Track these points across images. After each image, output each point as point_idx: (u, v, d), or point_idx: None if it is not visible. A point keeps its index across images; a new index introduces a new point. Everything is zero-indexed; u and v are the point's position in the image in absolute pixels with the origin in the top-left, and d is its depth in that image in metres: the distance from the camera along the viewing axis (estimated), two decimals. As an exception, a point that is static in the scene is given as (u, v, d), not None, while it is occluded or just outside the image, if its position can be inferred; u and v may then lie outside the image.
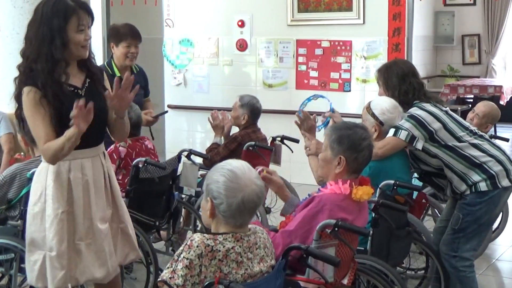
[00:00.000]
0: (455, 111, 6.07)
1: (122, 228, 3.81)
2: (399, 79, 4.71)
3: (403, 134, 4.48)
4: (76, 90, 3.58)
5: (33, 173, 4.30)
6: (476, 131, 4.70)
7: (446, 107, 4.73)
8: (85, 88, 3.62)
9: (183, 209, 5.64)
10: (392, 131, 4.53)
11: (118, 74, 5.63)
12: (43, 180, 3.58)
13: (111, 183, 3.77)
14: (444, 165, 4.52)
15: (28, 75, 3.52)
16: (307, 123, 4.68)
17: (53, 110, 3.46)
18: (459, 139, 4.54)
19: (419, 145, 4.49)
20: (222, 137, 6.10)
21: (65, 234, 3.55)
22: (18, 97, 3.57)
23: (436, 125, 4.53)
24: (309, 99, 5.27)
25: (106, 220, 3.71)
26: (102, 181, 3.70)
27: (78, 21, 3.50)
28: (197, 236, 2.77)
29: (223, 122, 6.11)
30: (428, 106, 4.61)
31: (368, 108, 4.68)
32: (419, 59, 9.93)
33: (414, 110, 4.59)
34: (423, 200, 4.70)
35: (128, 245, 3.86)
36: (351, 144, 3.63)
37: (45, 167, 3.58)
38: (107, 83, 3.80)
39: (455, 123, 4.62)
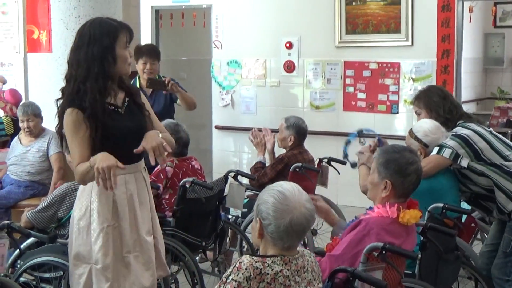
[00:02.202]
0: (505, 134, 6.00)
1: (154, 242, 3.87)
2: (440, 98, 4.70)
3: (447, 152, 4.44)
4: (116, 109, 3.69)
5: (82, 192, 4.37)
6: None
7: (489, 128, 4.69)
8: (125, 107, 3.73)
9: (229, 230, 5.64)
10: (436, 149, 4.49)
11: (139, 86, 6.34)
12: (88, 196, 3.65)
13: (149, 196, 3.86)
14: (494, 184, 4.46)
15: (73, 96, 3.60)
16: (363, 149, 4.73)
17: (95, 128, 3.54)
18: (505, 158, 4.49)
19: (464, 163, 4.44)
20: (266, 156, 6.11)
21: (110, 248, 3.63)
22: (61, 115, 3.65)
23: (481, 144, 4.48)
24: (353, 135, 5.25)
25: (151, 232, 3.80)
26: (145, 194, 3.80)
27: (125, 39, 3.67)
28: (246, 259, 2.77)
29: (265, 139, 6.13)
30: (473, 125, 4.57)
31: (411, 132, 4.66)
32: (468, 81, 9.83)
33: (459, 129, 4.55)
34: (472, 224, 4.64)
35: (158, 260, 3.90)
36: (398, 168, 3.60)
37: (89, 184, 3.63)
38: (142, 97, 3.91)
39: (501, 142, 4.57)
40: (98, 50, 3.59)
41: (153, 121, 3.87)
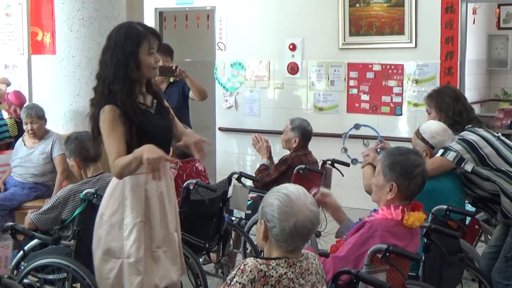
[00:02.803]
0: (509, 136, 5.98)
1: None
2: (452, 100, 4.69)
3: (451, 155, 4.44)
4: (147, 109, 3.84)
5: (86, 194, 4.38)
6: None
7: (498, 133, 4.68)
8: (154, 107, 3.89)
9: (233, 232, 5.65)
10: (440, 151, 4.49)
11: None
12: (121, 193, 3.78)
13: (174, 194, 4.02)
14: (500, 190, 4.46)
15: (107, 95, 3.73)
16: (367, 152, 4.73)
17: (130, 127, 3.68)
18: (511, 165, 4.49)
19: (468, 167, 4.44)
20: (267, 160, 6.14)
21: (142, 242, 3.76)
22: (94, 115, 3.78)
23: (488, 149, 4.48)
24: (355, 127, 5.24)
25: (175, 228, 3.96)
26: (171, 192, 3.96)
27: (149, 45, 3.77)
28: (250, 261, 2.77)
29: (266, 143, 6.16)
30: (480, 131, 4.56)
31: (417, 133, 4.65)
32: (472, 83, 9.81)
33: (466, 134, 4.55)
34: (476, 226, 4.63)
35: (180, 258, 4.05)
36: (404, 171, 3.59)
37: (121, 181, 3.76)
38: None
39: (508, 149, 4.56)
40: (121, 55, 3.72)
41: (176, 123, 4.06)
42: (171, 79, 6.67)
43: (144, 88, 3.88)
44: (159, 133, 3.79)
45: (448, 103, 4.70)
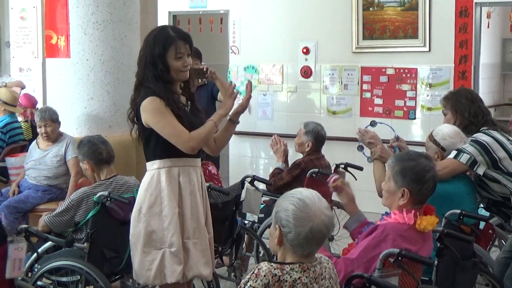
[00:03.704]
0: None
1: (209, 238, 4.11)
2: (468, 101, 4.69)
3: (464, 158, 4.42)
4: (184, 106, 4.03)
5: (100, 197, 4.40)
6: None
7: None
8: (189, 107, 4.08)
9: (245, 235, 5.65)
10: (453, 153, 4.47)
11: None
12: (157, 185, 3.93)
13: (205, 195, 4.15)
14: (510, 193, 4.44)
15: (146, 91, 3.90)
16: (368, 135, 4.69)
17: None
18: None
19: (480, 170, 4.42)
20: (283, 163, 6.13)
21: (179, 232, 3.91)
22: (135, 113, 3.96)
23: (501, 153, 4.46)
24: (371, 124, 5.20)
25: (206, 225, 4.06)
26: (202, 189, 4.10)
27: (176, 50, 3.91)
28: (265, 265, 2.77)
29: (284, 146, 6.16)
30: (494, 133, 4.55)
31: (430, 135, 4.66)
32: (486, 87, 9.76)
33: (479, 136, 4.53)
34: (490, 231, 4.61)
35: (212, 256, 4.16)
36: (415, 176, 3.57)
37: (156, 173, 3.94)
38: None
39: None
40: (150, 57, 3.91)
41: None
42: (200, 80, 6.76)
43: (179, 89, 4.05)
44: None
45: (464, 104, 4.69)
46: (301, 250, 2.83)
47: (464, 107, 4.69)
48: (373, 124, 5.14)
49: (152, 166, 3.98)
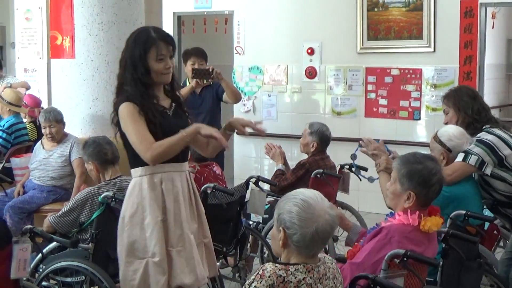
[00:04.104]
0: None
1: (206, 243, 4.03)
2: (470, 99, 4.67)
3: (472, 160, 4.41)
4: (165, 110, 3.86)
5: (104, 197, 4.40)
6: None
7: None
8: (172, 110, 3.90)
9: (250, 236, 5.65)
10: (461, 156, 4.46)
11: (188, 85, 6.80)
12: (139, 193, 3.80)
13: (196, 199, 3.98)
14: None
15: (123, 95, 3.79)
16: (372, 146, 4.63)
17: (147, 124, 3.71)
18: None
19: (488, 170, 4.42)
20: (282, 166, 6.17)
21: (163, 241, 3.78)
22: (114, 119, 3.84)
23: (506, 151, 4.46)
24: (357, 149, 5.10)
25: (193, 231, 3.91)
26: (189, 195, 3.93)
27: (157, 51, 3.77)
28: (269, 266, 2.77)
29: (280, 149, 6.19)
30: (497, 131, 4.53)
31: (435, 136, 4.64)
32: (491, 87, 9.74)
33: (483, 135, 4.52)
34: (495, 232, 4.60)
35: (211, 260, 4.06)
36: (422, 180, 3.54)
37: (138, 181, 3.81)
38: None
39: None
40: (130, 59, 3.79)
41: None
42: (206, 81, 6.83)
43: (163, 91, 3.92)
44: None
45: (466, 102, 4.68)
46: (307, 251, 2.83)
47: (467, 105, 4.68)
48: (362, 144, 4.93)
49: (135, 174, 3.85)
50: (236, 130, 3.95)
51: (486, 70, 8.56)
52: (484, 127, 4.60)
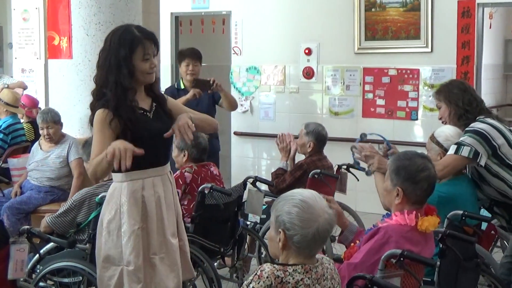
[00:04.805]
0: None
1: (181, 245, 3.92)
2: (460, 91, 4.66)
3: (465, 151, 4.37)
4: (145, 113, 3.75)
5: (102, 197, 4.40)
6: None
7: (510, 127, 4.63)
8: (153, 111, 3.79)
9: (247, 236, 5.65)
10: (453, 148, 4.42)
11: (182, 87, 6.95)
12: (118, 199, 3.71)
13: (175, 201, 3.92)
14: (508, 186, 4.42)
15: (100, 99, 3.67)
16: (364, 150, 4.62)
17: (124, 131, 3.60)
18: None
19: (483, 161, 4.39)
20: (288, 162, 6.11)
21: (140, 249, 3.69)
22: (91, 120, 3.73)
23: (500, 140, 4.43)
24: (360, 138, 5.12)
25: (175, 235, 3.86)
26: (171, 197, 3.86)
27: (144, 51, 3.67)
28: (267, 267, 2.77)
29: (290, 145, 6.13)
30: (490, 120, 4.51)
31: (432, 137, 4.64)
32: (489, 87, 9.76)
33: (476, 124, 4.48)
34: (492, 232, 4.60)
35: (185, 263, 3.95)
36: (408, 175, 3.55)
37: (118, 186, 3.73)
38: (169, 101, 3.94)
39: None
40: (114, 60, 3.65)
41: (186, 110, 3.94)
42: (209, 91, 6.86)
43: (144, 92, 3.80)
44: (156, 136, 3.69)
45: (456, 94, 4.66)
46: (307, 251, 2.84)
47: (457, 97, 4.65)
48: (362, 137, 5.08)
49: (115, 178, 3.77)
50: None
51: (483, 70, 8.57)
52: (478, 117, 4.57)
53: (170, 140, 3.87)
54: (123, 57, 3.62)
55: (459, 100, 4.62)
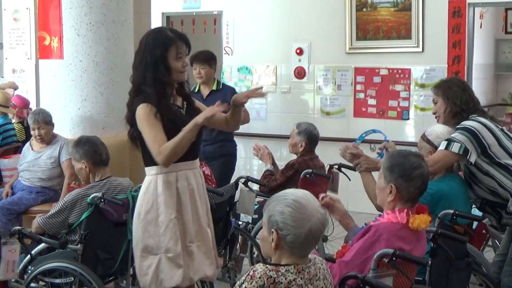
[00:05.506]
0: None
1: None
2: (459, 89, 4.66)
3: (455, 147, 4.37)
4: (179, 109, 4.02)
5: (93, 198, 4.39)
6: None
7: (502, 126, 4.64)
8: (185, 108, 4.05)
9: (239, 236, 5.65)
10: (443, 144, 4.42)
11: (196, 90, 6.88)
12: (154, 191, 3.96)
13: (205, 195, 4.20)
14: (498, 185, 4.42)
15: (140, 96, 3.89)
16: (348, 151, 4.60)
17: (164, 125, 3.84)
18: None
19: (473, 158, 4.39)
20: (271, 167, 6.17)
21: (178, 237, 3.94)
22: (131, 118, 3.94)
23: (490, 139, 4.44)
24: (361, 137, 5.13)
25: (209, 224, 4.11)
26: (202, 190, 4.10)
27: (177, 50, 3.95)
28: (260, 267, 2.77)
29: (267, 149, 6.20)
30: (482, 119, 4.52)
31: (423, 135, 4.65)
32: (480, 87, 9.79)
33: (467, 122, 4.49)
34: (484, 231, 4.61)
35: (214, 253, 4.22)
36: (402, 172, 3.55)
37: (153, 179, 3.96)
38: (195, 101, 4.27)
39: (510, 140, 4.52)
40: (150, 59, 3.90)
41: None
42: (215, 87, 6.87)
43: (175, 90, 4.04)
44: None
45: (455, 91, 4.67)
46: (300, 251, 2.84)
47: (456, 95, 4.66)
48: (367, 133, 5.10)
49: (150, 172, 4.00)
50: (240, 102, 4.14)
51: (474, 69, 8.59)
52: (470, 116, 4.58)
53: (200, 136, 4.07)
54: (159, 56, 3.89)
55: (457, 99, 4.63)
